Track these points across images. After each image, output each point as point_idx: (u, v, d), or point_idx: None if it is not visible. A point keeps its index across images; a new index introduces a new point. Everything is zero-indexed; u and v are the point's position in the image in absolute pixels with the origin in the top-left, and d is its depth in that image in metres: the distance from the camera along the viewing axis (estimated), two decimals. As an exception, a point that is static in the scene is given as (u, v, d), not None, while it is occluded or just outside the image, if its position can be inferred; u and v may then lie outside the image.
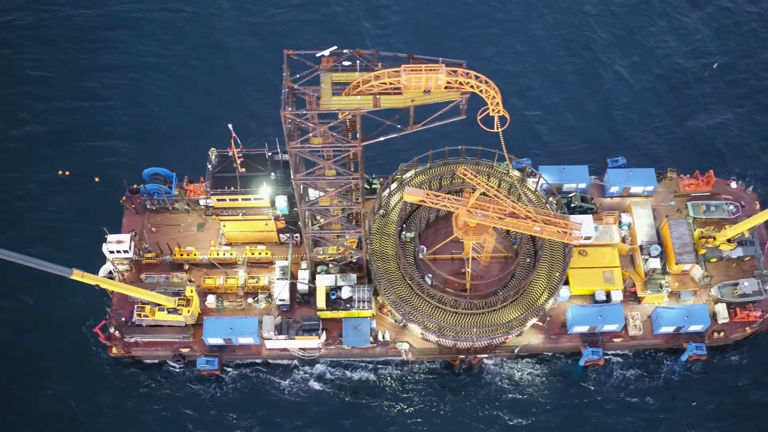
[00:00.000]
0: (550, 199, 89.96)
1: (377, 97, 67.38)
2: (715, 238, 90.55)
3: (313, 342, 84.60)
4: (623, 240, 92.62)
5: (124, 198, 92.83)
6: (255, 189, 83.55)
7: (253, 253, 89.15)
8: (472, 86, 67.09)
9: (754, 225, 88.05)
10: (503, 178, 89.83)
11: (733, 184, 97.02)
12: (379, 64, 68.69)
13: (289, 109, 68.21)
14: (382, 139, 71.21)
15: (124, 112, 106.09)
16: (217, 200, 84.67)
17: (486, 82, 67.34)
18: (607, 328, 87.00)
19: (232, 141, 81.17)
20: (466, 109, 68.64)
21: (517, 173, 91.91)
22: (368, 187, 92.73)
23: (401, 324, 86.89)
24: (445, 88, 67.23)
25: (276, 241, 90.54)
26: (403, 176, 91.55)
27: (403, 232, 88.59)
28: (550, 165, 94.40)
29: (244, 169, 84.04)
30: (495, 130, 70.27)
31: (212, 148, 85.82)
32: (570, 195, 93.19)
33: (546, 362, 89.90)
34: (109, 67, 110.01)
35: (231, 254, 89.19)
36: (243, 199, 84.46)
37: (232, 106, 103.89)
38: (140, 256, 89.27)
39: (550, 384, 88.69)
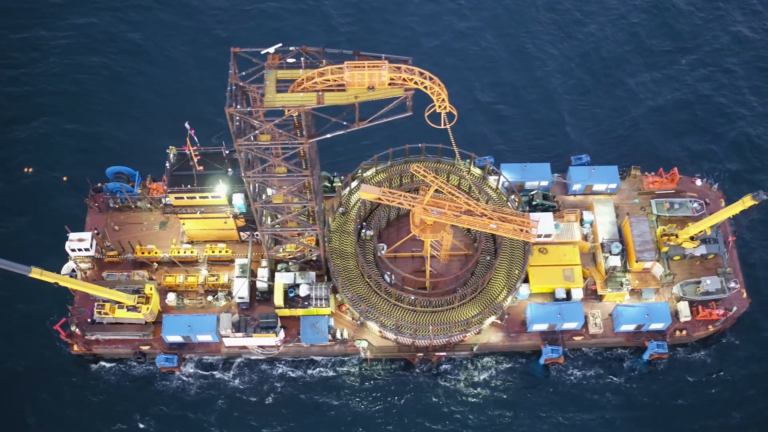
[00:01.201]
0: (512, 197, 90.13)
1: (321, 94, 67.78)
2: (677, 236, 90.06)
3: (270, 339, 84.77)
4: (585, 238, 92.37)
5: (87, 197, 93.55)
6: (212, 187, 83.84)
7: (213, 251, 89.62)
8: (416, 83, 67.36)
9: (715, 223, 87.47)
10: (463, 176, 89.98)
11: (698, 182, 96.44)
12: (324, 61, 69.21)
13: (238, 107, 68.95)
14: (328, 136, 71.31)
15: (90, 110, 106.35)
16: (175, 198, 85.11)
17: (431, 79, 67.41)
18: (567, 326, 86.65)
19: (188, 139, 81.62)
20: (412, 106, 69.27)
21: (478, 171, 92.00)
22: (329, 185, 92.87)
23: (359, 322, 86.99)
24: (389, 84, 67.47)
25: (237, 239, 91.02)
26: (364, 174, 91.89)
27: (363, 230, 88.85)
28: (513, 163, 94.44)
29: (201, 168, 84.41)
30: (442, 127, 70.47)
31: (171, 147, 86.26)
32: (531, 193, 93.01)
33: (506, 360, 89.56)
34: (77, 63, 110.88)
35: (192, 252, 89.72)
36: (200, 197, 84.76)
37: (196, 104, 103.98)
38: (102, 254, 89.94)
39: (511, 382, 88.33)
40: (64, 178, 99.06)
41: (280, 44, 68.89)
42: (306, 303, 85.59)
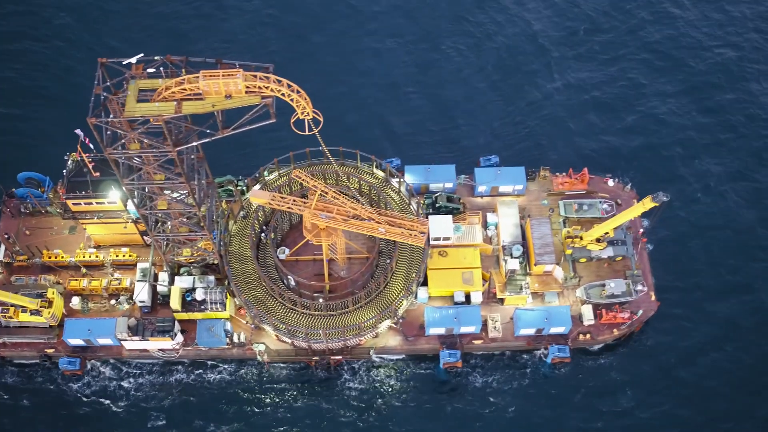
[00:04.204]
0: (414, 199, 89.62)
1: (179, 103, 68.16)
2: (582, 238, 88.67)
3: (167, 343, 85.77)
4: (490, 240, 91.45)
5: (1, 202, 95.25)
6: (106, 193, 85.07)
7: (117, 255, 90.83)
8: (272, 90, 67.44)
9: (618, 224, 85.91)
10: (363, 179, 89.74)
11: (610, 182, 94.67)
12: (183, 70, 69.52)
13: (111, 117, 69.59)
14: (194, 144, 71.91)
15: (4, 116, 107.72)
16: (73, 204, 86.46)
17: (288, 86, 67.37)
18: (465, 330, 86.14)
19: (79, 146, 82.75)
20: (275, 113, 69.35)
21: (381, 173, 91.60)
22: (232, 188, 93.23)
23: (253, 325, 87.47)
24: (247, 92, 67.81)
25: (142, 243, 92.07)
26: (267, 178, 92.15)
27: (263, 234, 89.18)
28: (419, 165, 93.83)
29: (98, 174, 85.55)
30: (307, 133, 70.30)
31: (72, 153, 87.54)
32: (435, 195, 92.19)
33: (408, 364, 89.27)
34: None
35: (97, 256, 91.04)
36: (97, 203, 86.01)
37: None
38: (13, 258, 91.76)
39: (410, 386, 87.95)
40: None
41: (142, 54, 69.49)
42: (202, 307, 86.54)
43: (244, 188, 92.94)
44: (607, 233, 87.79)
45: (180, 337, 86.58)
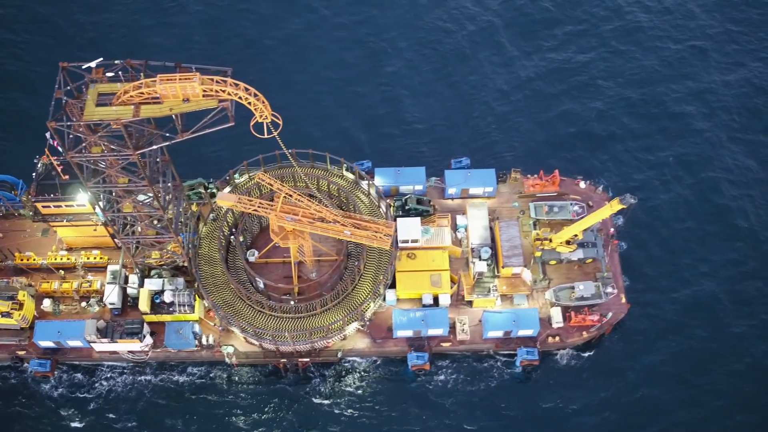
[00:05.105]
0: (388, 201, 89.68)
1: (137, 107, 68.50)
2: (551, 240, 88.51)
3: (135, 345, 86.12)
4: (460, 243, 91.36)
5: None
6: (74, 196, 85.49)
7: (88, 258, 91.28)
8: (229, 93, 67.68)
9: (587, 226, 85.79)
10: (332, 181, 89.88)
11: (582, 184, 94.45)
12: (141, 74, 69.83)
13: (70, 120, 69.95)
14: (154, 147, 72.31)
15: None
16: (43, 206, 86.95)
17: (246, 89, 67.65)
18: (432, 332, 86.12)
19: (47, 149, 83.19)
20: (233, 116, 69.56)
21: (351, 176, 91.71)
22: (203, 191, 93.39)
23: (221, 328, 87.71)
24: (204, 96, 68.06)
25: (113, 245, 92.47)
26: (237, 180, 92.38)
27: (232, 236, 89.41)
28: (389, 167, 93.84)
29: (67, 177, 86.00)
30: (266, 136, 70.49)
31: (42, 156, 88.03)
32: (405, 197, 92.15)
33: (375, 366, 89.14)
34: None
35: (69, 259, 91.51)
36: (66, 206, 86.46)
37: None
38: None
39: (379, 388, 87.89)
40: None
41: (101, 59, 69.91)
42: (171, 309, 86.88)
43: (214, 190, 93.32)
44: (576, 235, 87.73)
45: (149, 340, 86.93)
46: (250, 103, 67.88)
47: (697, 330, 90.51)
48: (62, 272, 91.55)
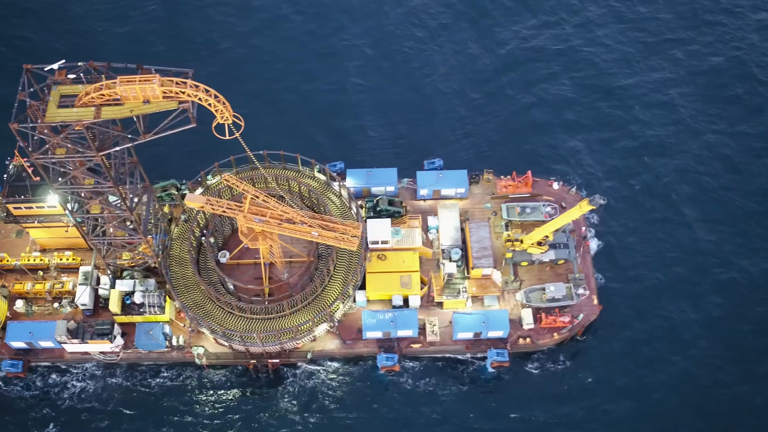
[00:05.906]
0: (354, 203, 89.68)
1: (98, 108, 68.77)
2: (522, 242, 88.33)
3: (105, 346, 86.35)
4: (431, 244, 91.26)
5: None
6: (45, 197, 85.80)
7: (61, 259, 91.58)
8: (189, 95, 67.88)
9: (557, 227, 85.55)
10: (302, 182, 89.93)
11: (555, 185, 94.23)
12: (102, 76, 70.05)
13: (32, 122, 70.19)
14: (117, 149, 72.55)
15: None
16: (14, 208, 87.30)
17: (206, 91, 67.85)
18: (402, 333, 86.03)
19: (16, 151, 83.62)
20: (195, 118, 69.79)
21: (322, 177, 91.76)
22: (175, 192, 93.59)
23: (190, 329, 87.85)
24: (164, 97, 68.29)
25: (86, 247, 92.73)
26: (209, 181, 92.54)
27: (203, 237, 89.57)
28: (361, 168, 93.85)
29: (38, 178, 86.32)
30: (228, 137, 70.65)
31: (13, 158, 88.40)
32: (376, 198, 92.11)
33: (349, 367, 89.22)
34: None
35: (42, 260, 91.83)
36: (37, 207, 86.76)
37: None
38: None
39: (348, 390, 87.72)
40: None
41: (63, 60, 70.21)
42: (141, 310, 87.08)
43: (186, 192, 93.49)
44: (547, 236, 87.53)
45: (120, 340, 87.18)
46: (210, 105, 68.14)
47: (673, 312, 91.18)
48: (41, 273, 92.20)
